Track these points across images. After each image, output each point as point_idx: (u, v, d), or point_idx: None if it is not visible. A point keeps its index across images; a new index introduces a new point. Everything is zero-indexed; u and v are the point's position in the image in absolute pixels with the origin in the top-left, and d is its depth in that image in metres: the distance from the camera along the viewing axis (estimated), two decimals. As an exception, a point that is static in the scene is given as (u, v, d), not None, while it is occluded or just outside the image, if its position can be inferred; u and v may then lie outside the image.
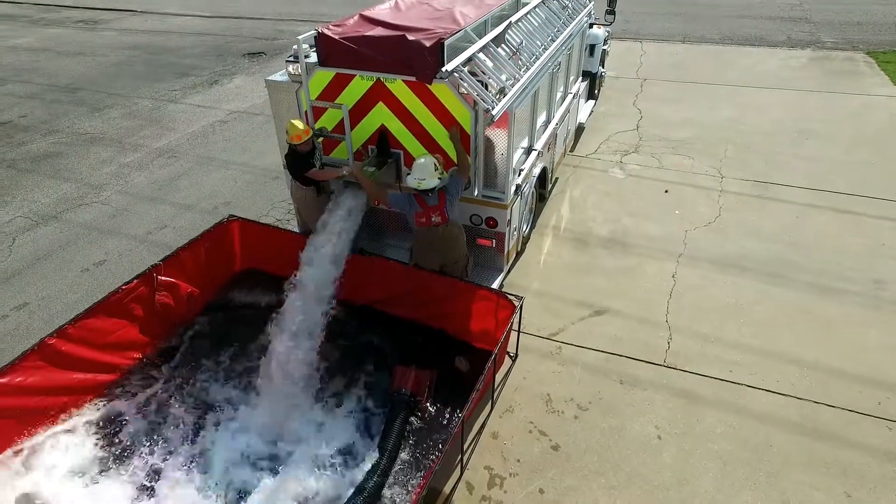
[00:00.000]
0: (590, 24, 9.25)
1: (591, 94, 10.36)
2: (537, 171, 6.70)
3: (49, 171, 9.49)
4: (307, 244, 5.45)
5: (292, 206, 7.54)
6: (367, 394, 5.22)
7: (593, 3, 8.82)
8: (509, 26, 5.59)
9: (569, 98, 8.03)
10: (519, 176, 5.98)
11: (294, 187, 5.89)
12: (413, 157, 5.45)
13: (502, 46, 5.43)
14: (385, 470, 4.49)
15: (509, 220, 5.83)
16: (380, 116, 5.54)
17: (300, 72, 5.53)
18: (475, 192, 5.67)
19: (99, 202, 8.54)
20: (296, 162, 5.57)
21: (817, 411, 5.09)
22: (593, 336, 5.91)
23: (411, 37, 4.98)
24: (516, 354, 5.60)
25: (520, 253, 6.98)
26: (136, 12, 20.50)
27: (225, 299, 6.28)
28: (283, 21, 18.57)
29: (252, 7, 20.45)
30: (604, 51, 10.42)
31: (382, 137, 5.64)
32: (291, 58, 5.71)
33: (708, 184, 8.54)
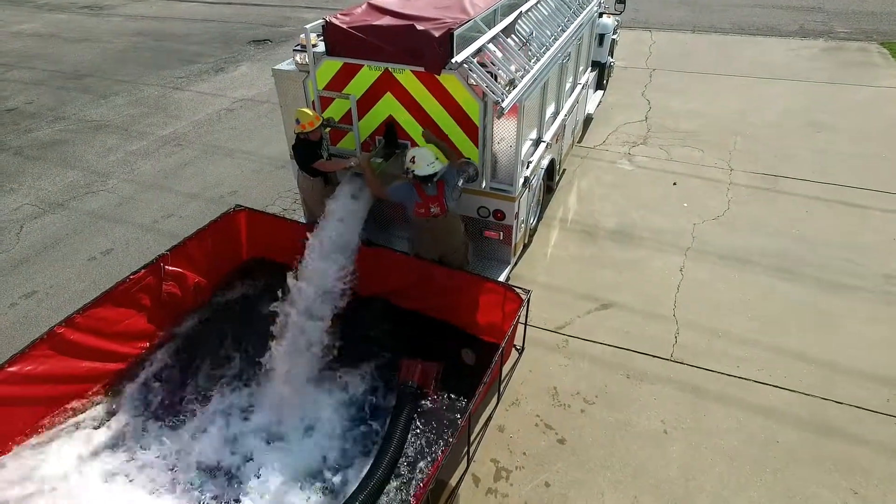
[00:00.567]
0: (599, 14, 9.13)
1: (599, 85, 10.24)
2: (545, 163, 6.64)
3: (56, 158, 9.49)
4: (315, 230, 5.41)
5: (298, 196, 7.53)
6: (373, 385, 5.23)
7: (603, -8, 8.71)
8: (520, 16, 5.52)
9: (578, 89, 7.94)
10: (527, 168, 5.94)
11: (301, 178, 5.86)
12: (419, 146, 5.42)
13: (512, 37, 5.36)
14: (391, 462, 4.50)
15: (517, 213, 5.79)
16: (388, 107, 5.50)
17: (307, 61, 5.48)
18: (483, 185, 5.63)
19: (105, 190, 8.54)
20: (304, 152, 5.54)
21: (824, 407, 5.07)
22: (600, 329, 5.89)
23: (420, 26, 4.93)
24: (523, 347, 5.59)
25: (526, 245, 6.95)
26: (141, -2, 20.40)
27: (231, 288, 6.29)
28: (288, 7, 18.43)
29: (257, -7, 20.30)
30: (613, 40, 10.28)
31: (390, 128, 5.60)
32: (299, 47, 5.66)
33: (717, 176, 8.46)
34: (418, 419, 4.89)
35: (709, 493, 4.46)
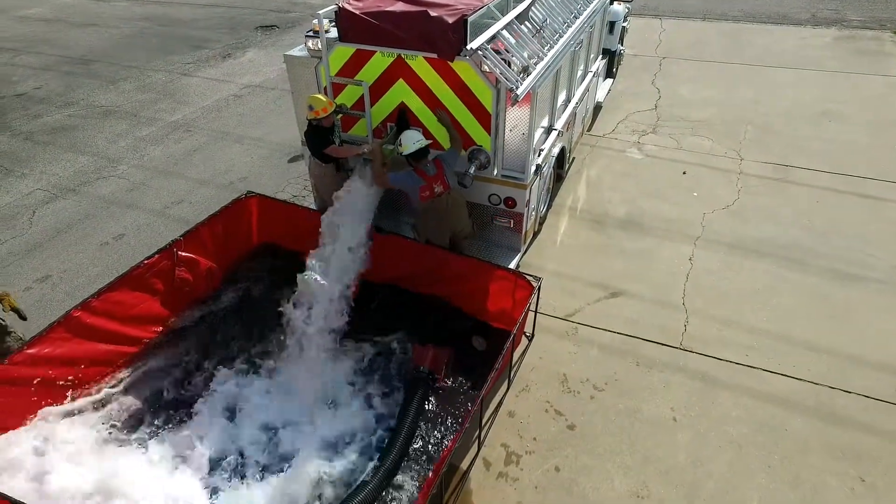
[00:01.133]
0: (610, 1, 9.05)
1: (609, 73, 10.18)
2: (556, 151, 6.64)
3: (66, 143, 9.52)
4: (328, 216, 5.44)
5: (308, 182, 7.56)
6: (385, 370, 5.29)
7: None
8: (533, 2, 5.49)
9: (588, 76, 7.90)
10: (539, 156, 5.94)
11: (313, 164, 5.88)
12: (432, 133, 5.42)
13: (526, 23, 5.33)
14: (402, 446, 4.56)
15: (528, 201, 5.80)
16: (400, 94, 5.49)
17: (320, 47, 5.47)
18: (495, 172, 5.64)
19: (116, 176, 8.57)
20: (316, 138, 5.55)
21: (833, 397, 5.10)
22: (609, 317, 5.92)
23: (433, 13, 4.90)
24: (533, 335, 5.63)
25: (536, 233, 6.97)
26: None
27: (243, 273, 6.33)
28: (295, -7, 18.30)
29: (264, -22, 20.13)
30: (623, 28, 10.19)
31: (402, 115, 5.60)
32: (311, 32, 5.65)
33: (727, 166, 8.43)
34: (430, 404, 4.95)
35: (717, 480, 4.51)
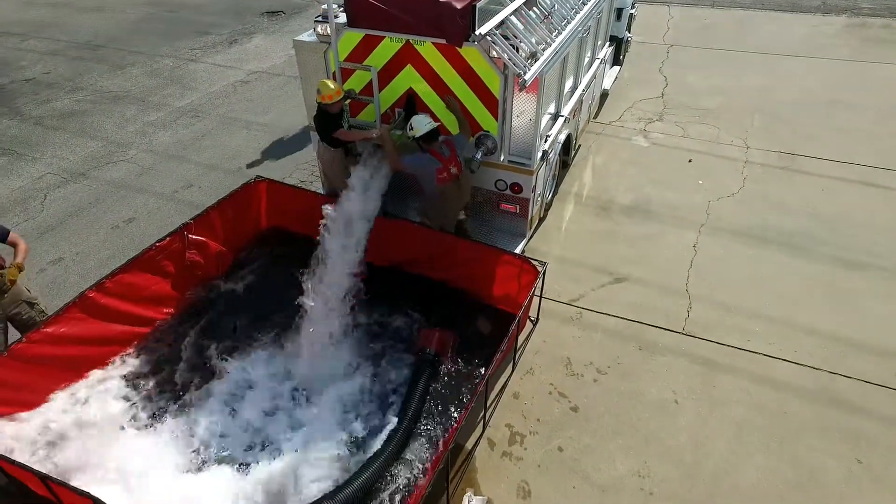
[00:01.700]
0: (619, -13, 9.02)
1: (616, 60, 10.15)
2: (562, 138, 6.67)
3: (75, 128, 9.60)
4: (337, 201, 5.50)
5: (316, 168, 7.62)
6: (392, 352, 5.38)
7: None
8: (541, -12, 5.50)
9: (596, 63, 7.91)
10: (545, 142, 5.98)
11: (321, 149, 5.93)
12: (439, 118, 5.47)
13: (534, 9, 5.35)
14: (409, 426, 4.67)
15: (534, 186, 5.86)
16: (408, 79, 5.54)
17: (329, 32, 5.51)
18: (501, 158, 5.69)
19: (126, 160, 8.66)
20: (324, 122, 5.60)
21: (834, 381, 5.18)
22: (613, 303, 6.00)
23: (442, -2, 4.93)
24: (537, 319, 5.72)
25: (542, 219, 7.03)
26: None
27: (251, 255, 6.43)
28: (301, -22, 18.21)
29: (270, -37, 20.03)
30: (631, 15, 10.15)
31: (410, 100, 5.64)
32: (320, 17, 5.68)
33: (733, 154, 8.44)
34: (436, 385, 5.05)
35: (716, 460, 4.60)
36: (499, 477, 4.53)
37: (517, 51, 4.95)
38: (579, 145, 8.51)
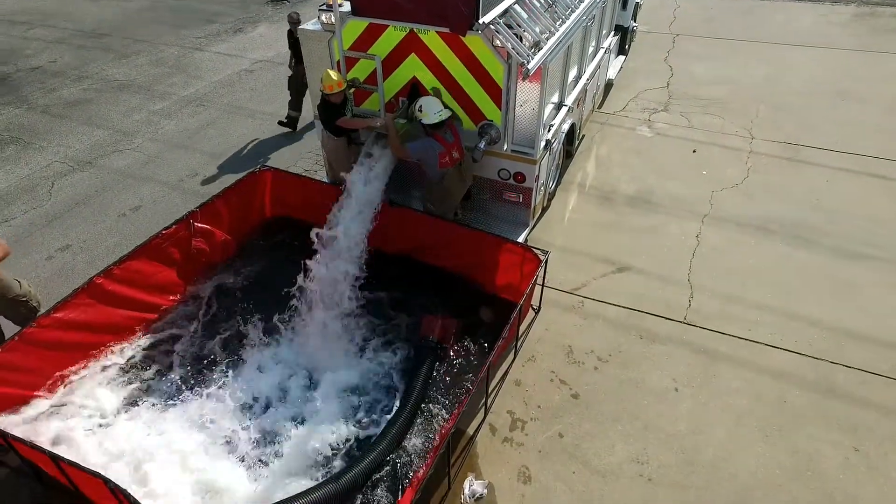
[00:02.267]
0: (625, -25, 8.97)
1: (621, 50, 10.11)
2: (566, 128, 6.68)
3: (81, 117, 9.66)
4: (341, 189, 5.54)
5: (320, 157, 7.67)
6: (395, 339, 5.45)
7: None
8: (545, -24, 5.49)
9: (600, 53, 7.89)
10: (549, 131, 5.99)
11: (325, 138, 5.97)
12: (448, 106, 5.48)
13: (538, -3, 5.35)
14: (411, 412, 4.73)
15: (537, 176, 5.88)
16: (412, 68, 5.55)
17: (333, 21, 5.52)
18: (504, 147, 5.71)
19: (131, 149, 8.71)
20: (328, 112, 5.64)
21: (833, 371, 5.21)
22: (615, 292, 6.03)
23: (446, -14, 4.93)
24: (539, 307, 5.76)
25: (545, 209, 7.05)
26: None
27: (256, 243, 6.49)
28: (305, -33, 18.13)
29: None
30: (637, 4, 10.11)
31: (414, 89, 5.65)
32: (324, 6, 5.69)
33: (737, 144, 8.42)
34: (439, 372, 5.11)
35: (716, 447, 4.66)
36: (500, 462, 4.60)
37: (521, 40, 4.96)
38: (583, 135, 8.51)
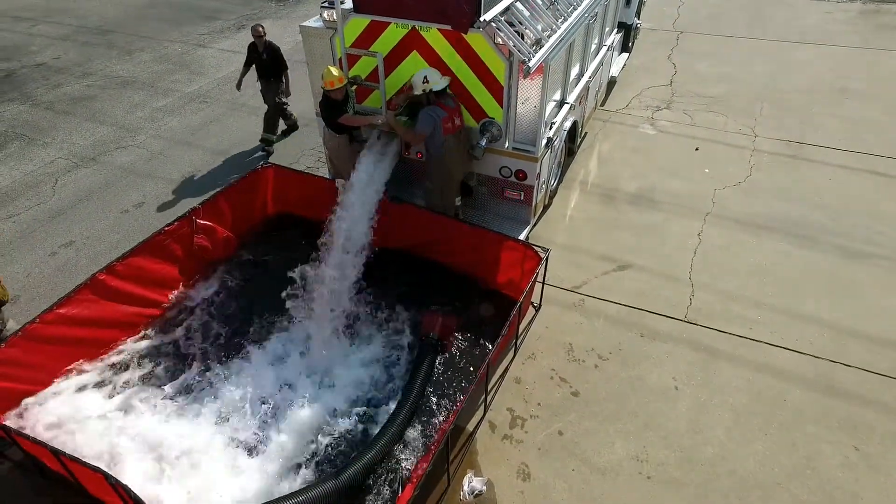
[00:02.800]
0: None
1: (624, 47, 10.09)
2: (568, 125, 6.67)
3: (85, 113, 9.69)
4: (344, 186, 5.55)
5: (322, 154, 7.67)
6: (396, 335, 5.46)
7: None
8: (547, -26, 5.48)
9: (603, 50, 7.87)
10: (550, 129, 5.99)
11: (327, 135, 5.98)
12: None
13: (540, -5, 5.34)
14: (411, 409, 4.74)
15: (539, 174, 5.88)
16: (414, 65, 5.55)
17: (335, 18, 5.53)
18: (506, 145, 5.71)
19: (135, 145, 8.74)
20: (329, 109, 5.64)
21: (833, 370, 5.20)
22: (616, 290, 6.03)
23: (448, -16, 4.93)
24: (540, 304, 5.77)
25: (546, 206, 7.05)
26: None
27: (258, 240, 6.51)
28: (309, -37, 18.11)
29: (277, -52, 19.92)
30: (640, 1, 10.08)
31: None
32: (326, 3, 5.69)
33: (740, 142, 8.39)
34: (439, 368, 5.12)
35: (715, 446, 4.66)
36: (499, 459, 4.62)
37: (522, 37, 4.95)
38: (585, 133, 8.50)
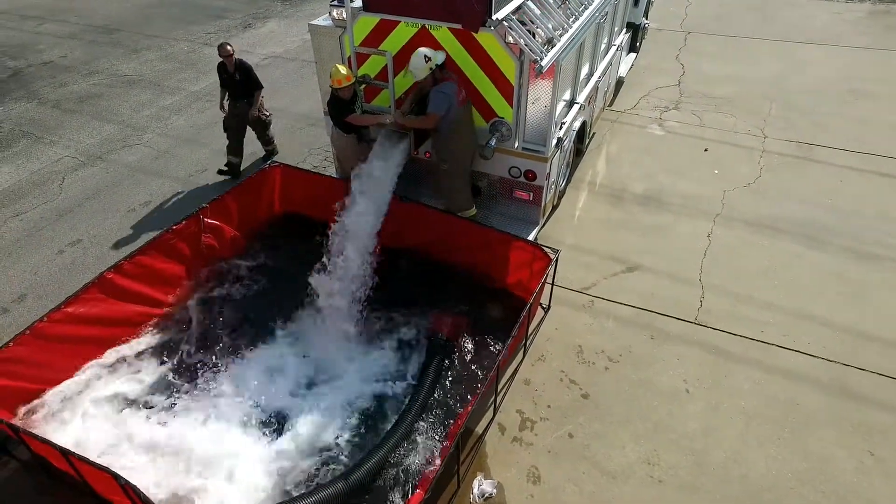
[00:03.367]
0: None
1: (632, 47, 10.04)
2: (577, 125, 6.63)
3: (92, 111, 9.69)
4: (353, 185, 5.52)
5: (329, 153, 7.65)
6: (405, 335, 5.42)
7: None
8: (559, -27, 5.44)
9: (612, 50, 7.82)
10: (560, 129, 5.95)
11: (335, 134, 5.95)
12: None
13: (551, -6, 5.30)
14: (419, 411, 4.72)
15: (548, 174, 5.84)
16: (423, 65, 5.50)
17: (344, 17, 5.50)
18: (515, 145, 5.67)
19: (142, 144, 8.73)
20: (337, 108, 5.61)
21: (846, 373, 5.15)
22: (626, 291, 5.99)
23: (458, -18, 4.89)
24: (549, 306, 5.73)
25: (555, 207, 7.01)
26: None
27: (266, 239, 6.48)
28: (315, -38, 18.09)
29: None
30: (649, 1, 10.03)
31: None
32: (336, 2, 5.66)
33: (749, 143, 8.34)
34: (448, 370, 5.09)
35: (726, 450, 4.61)
36: (509, 462, 4.58)
37: (533, 36, 4.92)
38: (594, 133, 8.45)
